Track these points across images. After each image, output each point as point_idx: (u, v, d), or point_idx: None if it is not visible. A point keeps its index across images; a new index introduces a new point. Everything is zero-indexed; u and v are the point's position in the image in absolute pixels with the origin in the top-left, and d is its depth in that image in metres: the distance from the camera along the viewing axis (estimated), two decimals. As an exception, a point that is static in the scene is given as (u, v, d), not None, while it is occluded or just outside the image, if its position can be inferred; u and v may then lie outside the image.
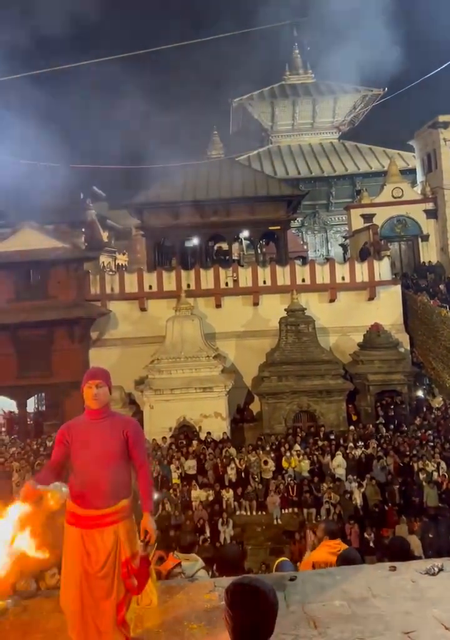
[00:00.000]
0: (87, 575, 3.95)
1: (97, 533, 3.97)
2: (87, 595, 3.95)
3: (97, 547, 3.96)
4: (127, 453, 4.14)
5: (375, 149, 43.79)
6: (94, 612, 3.94)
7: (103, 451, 4.03)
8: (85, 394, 4.14)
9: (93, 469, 4.00)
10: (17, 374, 24.94)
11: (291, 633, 3.96)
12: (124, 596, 4.00)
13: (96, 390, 4.11)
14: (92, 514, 3.96)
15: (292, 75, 48.63)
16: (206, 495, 17.54)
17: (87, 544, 3.96)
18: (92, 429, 4.10)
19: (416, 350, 26.00)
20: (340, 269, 26.81)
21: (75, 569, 3.99)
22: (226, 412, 22.62)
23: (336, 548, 5.74)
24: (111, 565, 3.97)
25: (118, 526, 4.01)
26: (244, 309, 26.27)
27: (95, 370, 4.30)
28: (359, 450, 19.20)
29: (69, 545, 4.05)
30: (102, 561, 3.95)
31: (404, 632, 3.87)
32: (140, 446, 4.21)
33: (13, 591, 4.97)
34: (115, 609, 3.96)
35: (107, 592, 3.96)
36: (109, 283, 26.72)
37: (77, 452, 4.07)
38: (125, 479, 4.13)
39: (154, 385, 22.48)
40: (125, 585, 4.01)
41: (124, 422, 4.23)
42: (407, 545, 5.49)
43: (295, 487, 17.90)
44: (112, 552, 3.98)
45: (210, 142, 34.52)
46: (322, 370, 22.90)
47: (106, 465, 4.01)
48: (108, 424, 4.14)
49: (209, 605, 4.49)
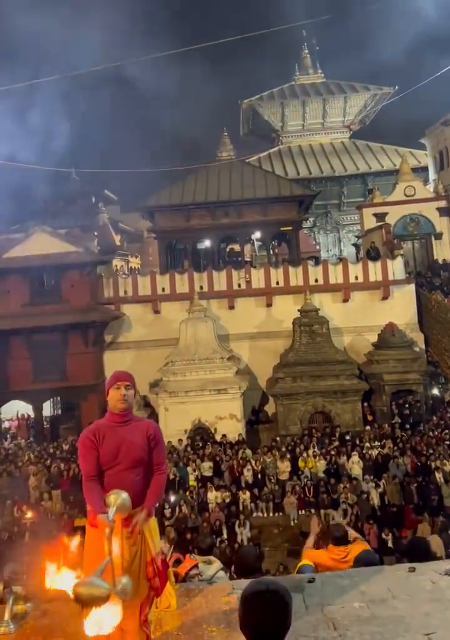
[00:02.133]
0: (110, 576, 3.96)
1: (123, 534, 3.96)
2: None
3: (123, 547, 3.96)
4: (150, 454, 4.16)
5: (387, 148, 43.60)
6: None
7: (130, 454, 4.03)
8: (112, 395, 4.15)
9: (120, 472, 4.01)
10: (32, 378, 25.07)
11: (310, 635, 3.94)
12: (147, 595, 4.01)
13: (125, 391, 4.14)
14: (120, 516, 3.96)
15: (302, 76, 48.60)
16: (222, 496, 17.53)
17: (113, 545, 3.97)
18: (118, 432, 4.10)
19: (431, 349, 25.82)
20: (354, 268, 26.70)
21: None
22: (241, 414, 22.59)
23: (340, 555, 5.67)
24: (137, 564, 3.98)
25: (143, 526, 4.02)
26: (257, 310, 26.24)
27: (122, 372, 4.32)
28: (375, 451, 19.12)
29: (92, 548, 4.06)
30: (129, 561, 3.96)
31: (424, 633, 3.83)
32: (160, 447, 4.24)
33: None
34: (139, 609, 3.97)
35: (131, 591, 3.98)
36: (122, 286, 26.81)
37: (104, 456, 4.08)
38: (150, 481, 4.16)
39: (168, 387, 22.51)
40: (150, 585, 4.02)
41: (146, 425, 4.26)
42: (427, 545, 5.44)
43: (312, 488, 17.86)
44: (138, 552, 3.99)
45: (220, 144, 34.47)
46: (337, 370, 22.81)
47: (133, 468, 4.03)
48: (133, 427, 4.15)
49: (227, 608, 4.48)
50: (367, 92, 46.61)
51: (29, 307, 25.15)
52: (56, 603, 4.89)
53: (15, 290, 25.40)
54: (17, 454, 22.52)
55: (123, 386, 4.14)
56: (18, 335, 24.83)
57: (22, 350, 24.99)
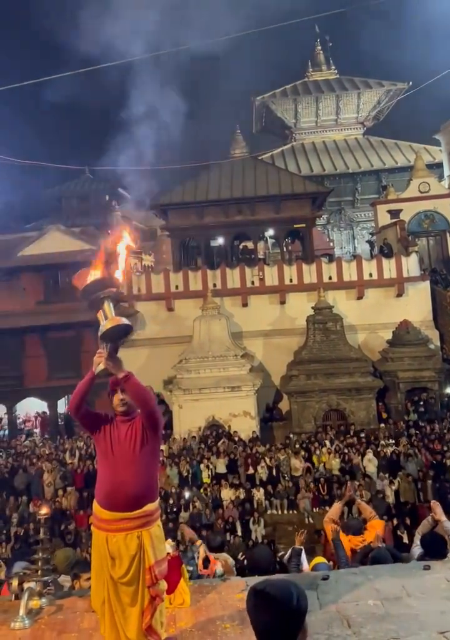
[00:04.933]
0: (113, 581, 3.94)
1: (121, 537, 3.93)
2: (115, 600, 3.94)
3: (120, 552, 3.92)
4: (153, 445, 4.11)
5: (401, 144, 43.29)
6: (121, 617, 3.94)
7: (129, 452, 4.00)
8: (112, 399, 4.18)
9: (119, 470, 3.97)
10: (48, 375, 25.25)
11: (325, 632, 3.93)
12: (148, 603, 3.94)
13: (122, 395, 4.13)
14: (116, 516, 3.92)
15: (315, 72, 48.39)
16: (235, 494, 17.53)
17: (111, 548, 3.93)
18: (120, 429, 4.10)
19: (446, 346, 25.64)
20: (368, 265, 26.56)
21: (102, 573, 3.99)
22: (255, 411, 22.58)
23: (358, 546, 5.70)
24: (136, 571, 3.92)
25: (141, 532, 3.95)
26: (271, 308, 26.19)
27: None
28: (389, 448, 19.04)
29: (96, 549, 4.06)
30: (126, 567, 3.91)
31: (439, 632, 3.81)
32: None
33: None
34: (141, 616, 3.93)
35: (132, 598, 3.93)
36: (135, 284, 26.85)
37: (104, 451, 4.07)
38: (150, 483, 4.07)
39: (182, 384, 22.55)
40: (150, 593, 3.94)
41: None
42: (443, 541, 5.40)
43: (326, 485, 17.82)
44: (135, 557, 3.92)
45: (232, 141, 34.43)
46: (351, 368, 22.72)
47: (132, 467, 3.97)
48: (133, 423, 4.12)
49: (241, 605, 4.47)
50: (380, 88, 46.29)
51: (43, 305, 25.33)
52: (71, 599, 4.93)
53: (30, 288, 25.59)
54: (33, 450, 22.68)
55: (120, 390, 4.13)
56: (33, 333, 25.02)
57: (37, 348, 25.19)
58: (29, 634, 4.45)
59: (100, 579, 4.00)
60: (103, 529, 3.99)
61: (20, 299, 25.40)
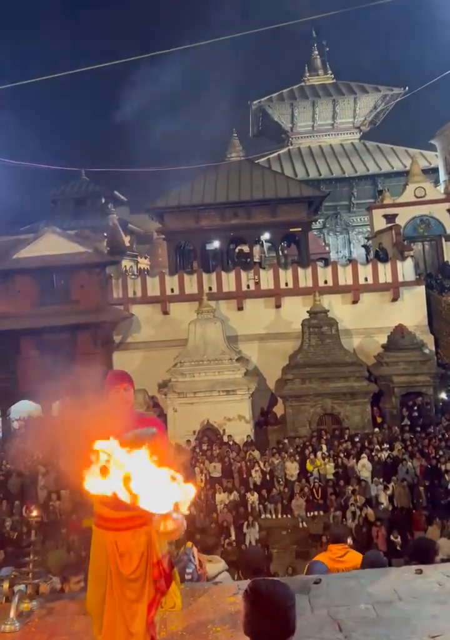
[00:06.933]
0: (120, 578, 3.95)
1: (130, 535, 3.96)
2: (120, 597, 3.95)
3: (130, 549, 3.95)
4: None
5: (397, 149, 43.47)
6: (126, 613, 3.94)
7: None
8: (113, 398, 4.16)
9: None
10: (42, 378, 25.13)
11: (316, 636, 3.92)
12: (153, 597, 4.00)
13: (124, 393, 4.12)
14: (124, 515, 3.92)
15: (312, 77, 48.55)
16: (229, 498, 17.47)
17: (120, 546, 3.96)
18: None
19: (441, 351, 25.66)
20: (363, 270, 26.60)
21: (103, 572, 3.99)
22: (250, 415, 22.56)
23: (337, 554, 5.69)
24: (143, 567, 3.97)
25: (149, 527, 3.97)
26: (266, 312, 26.19)
27: (120, 373, 4.30)
28: (384, 453, 19.03)
29: (98, 549, 4.06)
30: (136, 563, 3.95)
31: (431, 636, 3.80)
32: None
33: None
34: (147, 611, 3.97)
35: (139, 594, 3.96)
36: (131, 287, 26.85)
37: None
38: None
39: (177, 388, 22.52)
40: (155, 587, 4.00)
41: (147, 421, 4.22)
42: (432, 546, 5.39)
43: (321, 490, 17.80)
44: (144, 553, 3.98)
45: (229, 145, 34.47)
46: (346, 372, 22.73)
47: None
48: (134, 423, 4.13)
49: (232, 608, 4.47)
50: (377, 92, 46.50)
51: (38, 308, 25.21)
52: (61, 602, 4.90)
53: (25, 290, 25.47)
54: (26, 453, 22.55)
55: (122, 389, 4.13)
56: (27, 336, 24.90)
57: (32, 350, 25.07)
58: (19, 636, 4.43)
59: (99, 578, 4.01)
60: (111, 528, 4.00)
61: (14, 301, 25.29)
